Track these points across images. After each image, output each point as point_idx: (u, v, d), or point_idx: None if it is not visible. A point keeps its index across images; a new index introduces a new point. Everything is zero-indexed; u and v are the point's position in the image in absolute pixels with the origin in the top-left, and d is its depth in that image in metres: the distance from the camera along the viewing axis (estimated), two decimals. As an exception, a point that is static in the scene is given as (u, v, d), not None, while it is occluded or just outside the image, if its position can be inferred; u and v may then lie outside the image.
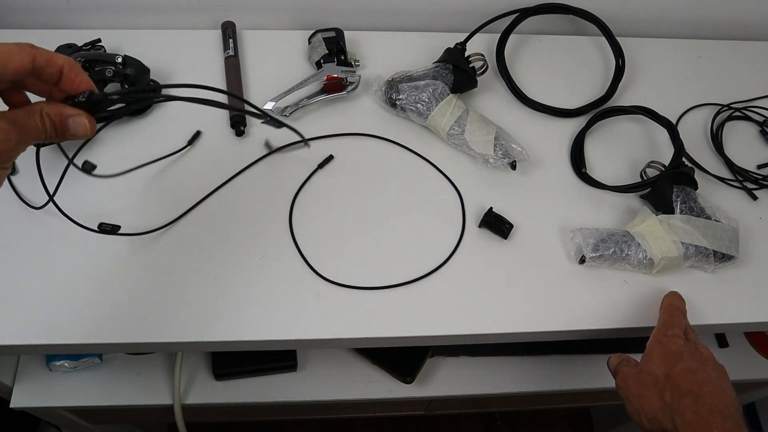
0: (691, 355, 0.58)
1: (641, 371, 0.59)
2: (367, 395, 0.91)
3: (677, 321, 0.62)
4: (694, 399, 0.54)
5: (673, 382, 0.56)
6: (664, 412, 0.55)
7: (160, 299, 0.64)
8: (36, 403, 0.85)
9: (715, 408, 0.53)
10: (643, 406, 0.57)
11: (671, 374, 0.57)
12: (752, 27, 0.95)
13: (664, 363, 0.58)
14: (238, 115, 0.75)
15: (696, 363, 0.57)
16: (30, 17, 0.83)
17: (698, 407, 0.54)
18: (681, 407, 0.54)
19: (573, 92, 0.84)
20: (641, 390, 0.58)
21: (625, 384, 0.60)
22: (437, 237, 0.70)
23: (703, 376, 0.56)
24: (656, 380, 0.57)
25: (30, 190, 0.68)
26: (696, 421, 0.53)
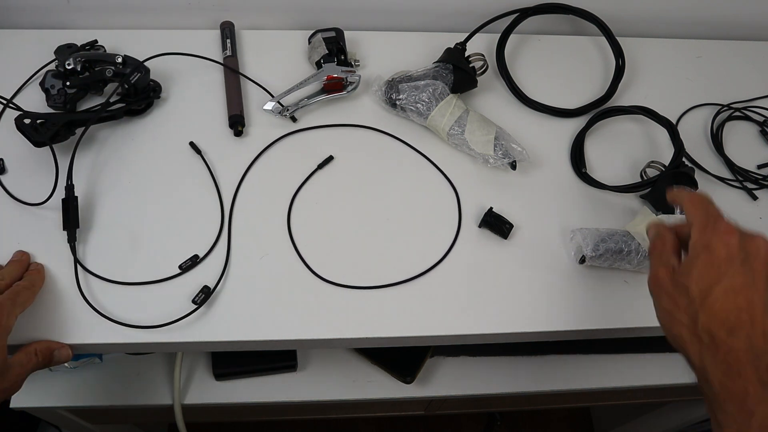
0: (740, 266, 0.45)
1: (676, 283, 0.48)
2: (367, 395, 0.91)
3: (716, 210, 0.49)
4: (730, 332, 0.44)
5: (709, 307, 0.45)
6: (693, 345, 0.46)
7: (160, 299, 0.64)
8: (36, 403, 0.85)
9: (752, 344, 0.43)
10: (670, 328, 0.48)
11: (709, 295, 0.45)
12: (752, 27, 0.95)
13: (705, 278, 0.46)
14: (237, 115, 0.75)
15: (743, 279, 0.45)
16: (30, 17, 0.83)
17: (732, 342, 0.44)
18: (713, 343, 0.44)
19: (573, 92, 0.84)
20: (671, 307, 0.48)
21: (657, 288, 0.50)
22: (437, 237, 0.70)
23: (746, 301, 0.44)
24: (690, 300, 0.46)
25: (29, 189, 0.68)
26: (728, 362, 0.44)
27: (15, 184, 0.69)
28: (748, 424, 0.42)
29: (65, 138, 0.69)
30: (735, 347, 0.44)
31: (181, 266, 0.65)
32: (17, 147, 0.70)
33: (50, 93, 0.72)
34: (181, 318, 0.62)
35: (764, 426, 0.42)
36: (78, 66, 0.71)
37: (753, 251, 0.46)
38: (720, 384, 0.44)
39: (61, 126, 0.68)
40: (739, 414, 0.43)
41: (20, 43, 0.80)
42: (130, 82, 0.71)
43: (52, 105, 0.71)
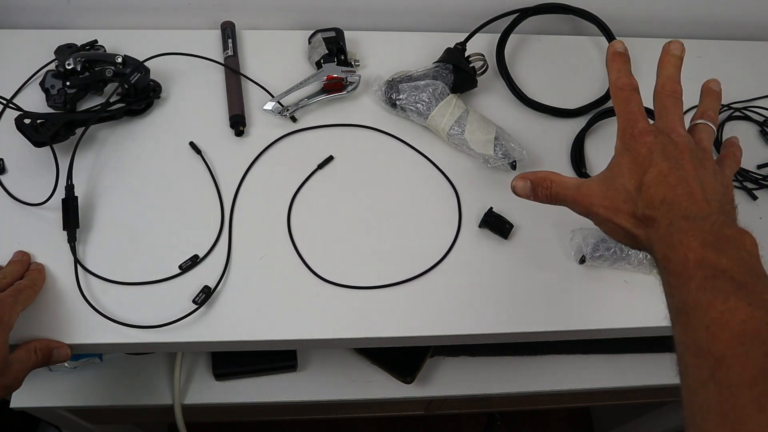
0: (663, 153, 0.49)
1: (610, 186, 0.51)
2: (367, 395, 0.91)
3: (636, 108, 0.53)
4: (668, 208, 0.46)
5: (645, 193, 0.48)
6: (639, 227, 0.49)
7: (160, 299, 0.64)
8: (36, 403, 0.85)
9: (690, 211, 0.45)
10: (615, 222, 0.50)
11: (642, 184, 0.48)
12: (752, 27, 0.95)
13: (635, 173, 0.49)
14: (238, 115, 0.75)
15: (668, 162, 0.48)
16: (30, 17, 0.83)
17: (672, 217, 0.46)
18: (655, 221, 0.47)
19: (573, 92, 0.84)
20: (613, 203, 0.50)
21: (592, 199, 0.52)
22: (437, 237, 0.70)
23: (676, 177, 0.47)
24: (628, 195, 0.49)
25: (27, 188, 0.69)
26: (670, 234, 0.45)
27: (15, 184, 0.69)
28: (687, 289, 0.42)
29: (65, 138, 0.69)
30: (675, 219, 0.45)
31: (181, 266, 0.65)
32: (17, 147, 0.70)
33: (50, 93, 0.72)
34: (182, 318, 0.62)
35: (701, 287, 0.41)
36: (78, 66, 0.72)
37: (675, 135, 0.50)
38: (664, 257, 0.45)
39: (61, 126, 0.68)
40: (680, 282, 0.43)
41: (20, 43, 0.80)
42: (130, 82, 0.71)
43: (52, 105, 0.71)
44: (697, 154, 0.50)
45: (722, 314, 0.39)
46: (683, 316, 0.42)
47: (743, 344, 0.38)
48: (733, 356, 0.38)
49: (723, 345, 0.38)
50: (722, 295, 0.40)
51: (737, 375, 0.37)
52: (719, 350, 0.38)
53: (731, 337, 0.38)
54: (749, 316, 0.39)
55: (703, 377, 0.39)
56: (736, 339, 0.38)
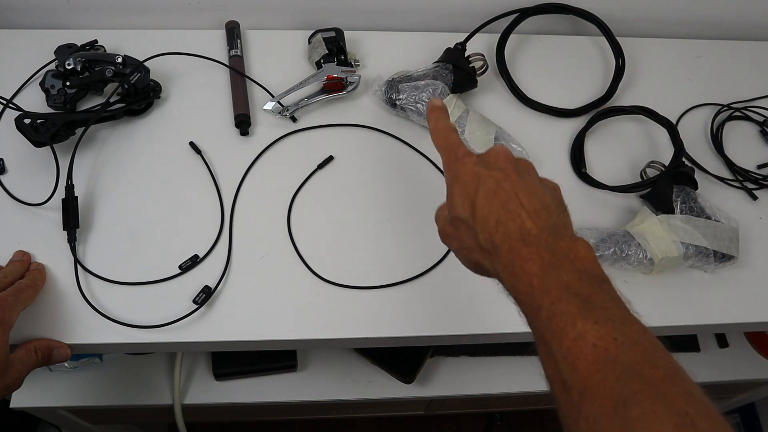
0: (487, 171, 0.48)
1: (452, 220, 0.50)
2: (367, 395, 0.91)
3: (455, 140, 0.52)
4: (504, 232, 0.45)
5: (480, 218, 0.46)
6: (486, 258, 0.47)
7: (160, 299, 0.64)
8: (36, 403, 0.85)
9: (525, 231, 0.44)
10: (468, 258, 0.49)
11: (476, 209, 0.47)
12: (752, 27, 0.95)
13: (467, 198, 0.48)
14: (243, 115, 0.75)
15: (494, 179, 0.47)
16: (29, 17, 0.83)
17: (510, 242, 0.44)
18: (495, 248, 0.45)
19: (573, 92, 0.84)
20: (459, 241, 0.49)
21: (446, 240, 0.52)
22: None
23: (504, 193, 0.46)
24: (467, 224, 0.48)
25: (26, 188, 0.69)
26: (511, 262, 0.44)
27: (15, 184, 0.69)
28: (539, 319, 0.41)
29: (65, 138, 0.70)
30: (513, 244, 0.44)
31: (181, 266, 0.65)
32: (17, 147, 0.70)
33: (50, 93, 0.72)
34: (182, 318, 0.62)
35: (551, 315, 0.40)
36: (78, 66, 0.71)
37: (492, 159, 0.49)
38: (512, 288, 0.44)
39: (61, 126, 0.68)
40: (532, 312, 0.42)
41: (20, 43, 0.80)
42: (130, 82, 0.71)
43: (52, 105, 0.71)
44: (518, 163, 0.49)
45: (575, 341, 0.38)
46: (544, 348, 0.41)
47: (599, 371, 0.37)
48: (592, 386, 0.37)
49: (582, 376, 0.37)
50: (570, 319, 0.39)
51: (599, 407, 0.36)
52: (580, 383, 0.37)
53: (587, 365, 0.37)
54: (598, 336, 0.38)
55: (573, 414, 0.38)
56: (592, 366, 0.37)
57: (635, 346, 0.38)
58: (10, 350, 0.56)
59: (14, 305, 0.57)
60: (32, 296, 0.60)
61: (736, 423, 1.27)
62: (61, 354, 0.60)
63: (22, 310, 0.58)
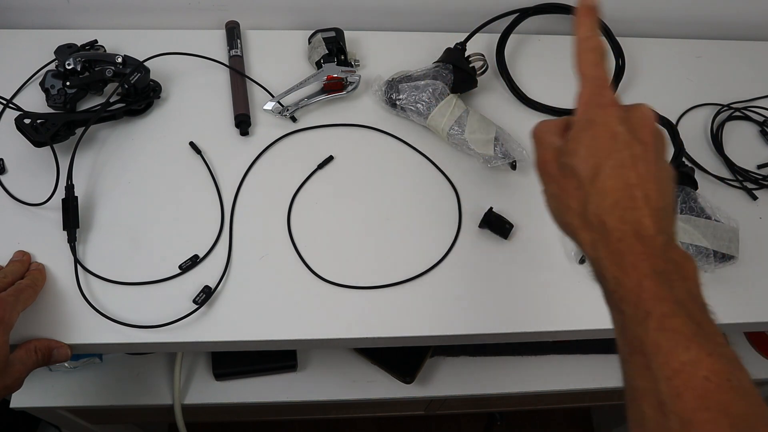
0: (627, 136, 0.42)
1: (563, 165, 0.44)
2: (367, 395, 0.91)
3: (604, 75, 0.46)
4: (620, 218, 0.41)
5: (599, 189, 0.41)
6: (585, 233, 0.42)
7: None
8: (36, 403, 0.85)
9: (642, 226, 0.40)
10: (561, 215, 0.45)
11: (599, 176, 0.42)
12: (752, 27, 0.95)
13: (594, 157, 0.42)
14: (243, 115, 0.75)
15: (630, 152, 0.41)
16: (29, 17, 0.83)
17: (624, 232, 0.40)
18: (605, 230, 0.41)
19: (573, 92, 0.83)
20: (559, 192, 0.44)
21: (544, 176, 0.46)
22: (437, 237, 0.70)
23: (636, 175, 0.41)
24: (579, 183, 0.43)
25: (26, 188, 0.69)
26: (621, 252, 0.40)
27: (15, 184, 0.69)
28: (645, 327, 0.38)
29: (65, 138, 0.70)
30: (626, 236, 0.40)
31: (181, 266, 0.65)
32: (17, 147, 0.70)
33: (50, 93, 0.72)
34: (182, 318, 0.62)
35: (660, 327, 0.37)
36: (78, 66, 0.72)
37: (638, 123, 0.43)
38: (614, 279, 0.40)
39: (61, 126, 0.68)
40: (636, 314, 0.39)
41: (20, 43, 0.80)
42: (130, 82, 0.71)
43: (52, 105, 0.71)
44: (658, 139, 0.43)
45: (685, 366, 0.36)
46: (640, 357, 0.38)
47: (708, 409, 0.35)
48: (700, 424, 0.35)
49: (688, 407, 0.36)
50: (683, 341, 0.37)
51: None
52: (684, 413, 0.36)
53: (696, 398, 0.36)
54: (711, 370, 0.36)
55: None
56: (701, 401, 0.36)
57: (748, 396, 0.36)
58: (10, 350, 0.56)
59: (14, 305, 0.56)
60: (32, 296, 0.60)
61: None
62: (61, 354, 0.60)
63: (23, 311, 0.58)
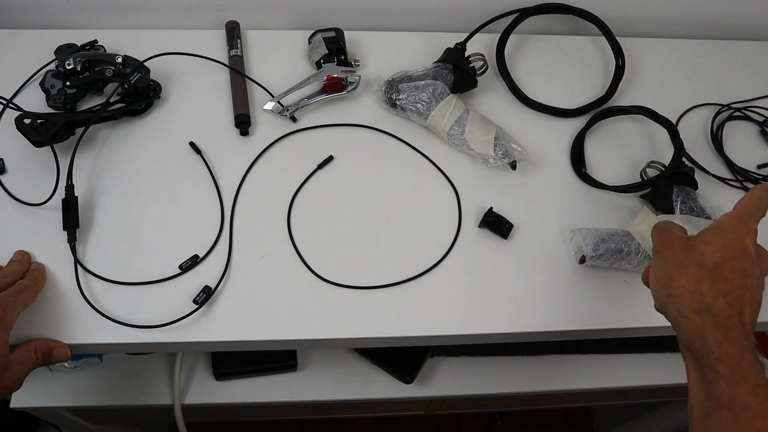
0: (754, 251, 0.50)
1: (692, 246, 0.51)
2: (367, 395, 0.91)
3: (758, 214, 0.53)
4: (731, 303, 0.48)
5: (721, 274, 0.48)
6: (693, 299, 0.49)
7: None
8: (36, 403, 0.85)
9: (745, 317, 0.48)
10: (673, 279, 0.50)
11: (723, 266, 0.49)
12: (752, 27, 0.95)
13: (723, 251, 0.49)
14: (243, 115, 0.75)
15: (753, 268, 0.49)
16: (29, 17, 0.83)
17: (731, 312, 0.47)
18: (715, 305, 0.48)
19: (573, 92, 0.84)
20: (682, 261, 0.51)
21: (667, 245, 0.53)
22: (437, 236, 0.70)
23: (752, 285, 0.49)
24: (704, 263, 0.49)
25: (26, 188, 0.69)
26: (728, 327, 0.47)
27: (15, 184, 0.69)
28: (737, 388, 0.45)
29: (65, 138, 0.70)
30: (733, 316, 0.47)
31: (181, 266, 0.65)
32: (17, 147, 0.70)
33: (50, 93, 0.72)
34: (182, 318, 0.62)
35: (753, 392, 0.44)
36: (78, 66, 0.72)
37: (762, 258, 0.51)
38: (717, 344, 0.47)
39: (61, 126, 0.68)
40: (732, 376, 0.45)
41: (20, 43, 0.80)
42: (130, 82, 0.71)
43: (52, 105, 0.71)
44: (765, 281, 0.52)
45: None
46: (727, 412, 0.45)
47: None
48: None
49: None
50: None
51: None
52: None
53: None
54: None
55: None
56: None
57: None
58: (10, 350, 0.56)
59: (14, 306, 0.56)
60: (32, 296, 0.60)
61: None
62: (61, 354, 0.60)
63: (23, 311, 0.58)
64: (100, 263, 0.65)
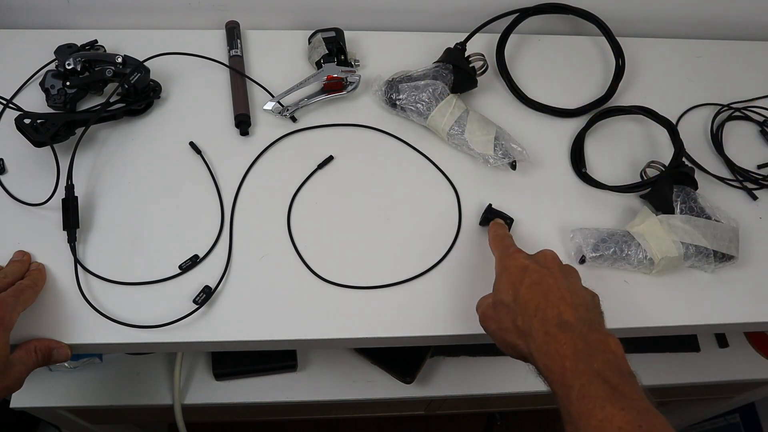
0: (535, 265, 0.55)
1: (495, 303, 0.56)
2: (367, 395, 0.91)
3: (508, 240, 0.61)
4: (542, 317, 0.51)
5: (521, 303, 0.53)
6: (521, 339, 0.52)
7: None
8: (36, 403, 0.85)
9: (562, 320, 0.50)
10: (504, 338, 0.55)
11: (518, 295, 0.53)
12: (752, 27, 0.95)
13: (512, 286, 0.55)
14: (243, 115, 0.75)
15: (539, 273, 0.54)
16: (30, 17, 0.83)
17: (547, 326, 0.50)
18: (532, 330, 0.51)
19: (573, 92, 0.84)
20: (498, 321, 0.55)
21: (485, 323, 0.58)
22: (437, 236, 0.70)
23: (547, 286, 0.52)
24: (508, 308, 0.54)
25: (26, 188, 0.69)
26: (546, 343, 0.49)
27: (15, 184, 0.69)
28: (569, 399, 0.46)
29: (65, 138, 0.70)
30: (549, 328, 0.50)
31: (181, 266, 0.65)
32: (17, 147, 0.70)
33: (50, 93, 0.72)
34: (182, 318, 0.62)
35: (581, 396, 0.46)
36: (78, 66, 0.72)
37: (541, 258, 0.56)
38: (545, 367, 0.49)
39: (61, 126, 0.68)
40: (562, 391, 0.47)
41: (20, 43, 0.80)
42: (130, 82, 0.71)
43: (52, 105, 0.72)
44: (564, 266, 0.56)
45: (602, 422, 0.43)
46: (570, 426, 0.46)
47: None
48: None
49: None
50: (599, 402, 0.45)
51: None
52: None
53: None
54: (624, 421, 0.43)
55: None
56: None
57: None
58: (10, 350, 0.56)
59: (14, 306, 0.57)
60: (32, 297, 0.60)
61: (736, 423, 1.27)
62: (61, 354, 0.60)
63: (23, 311, 0.58)
64: (100, 263, 0.65)
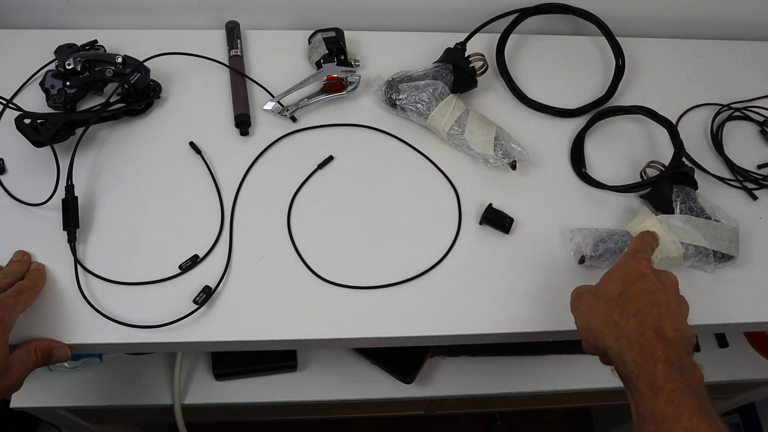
0: (653, 277, 0.55)
1: (597, 290, 0.57)
2: (367, 395, 0.91)
3: (648, 249, 0.60)
4: (642, 319, 0.51)
5: (626, 300, 0.53)
6: (610, 330, 0.53)
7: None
8: (36, 403, 0.85)
9: (661, 331, 0.50)
10: (590, 321, 0.55)
11: (625, 293, 0.54)
12: (752, 27, 0.95)
13: (623, 282, 0.55)
14: (243, 115, 0.75)
15: (654, 285, 0.54)
16: (30, 17, 0.83)
17: (644, 329, 0.50)
18: (628, 327, 0.51)
19: (573, 92, 0.84)
20: (592, 305, 0.56)
21: (578, 300, 0.58)
22: (437, 236, 0.70)
23: (657, 299, 0.53)
24: (609, 298, 0.54)
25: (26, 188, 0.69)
26: (641, 342, 0.50)
27: (15, 184, 0.69)
28: (656, 400, 0.47)
29: (65, 138, 0.70)
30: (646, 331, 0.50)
31: (181, 266, 0.65)
32: (17, 147, 0.70)
33: (50, 93, 0.72)
34: (182, 318, 0.62)
35: (670, 401, 0.46)
36: (78, 66, 0.72)
37: (663, 275, 0.56)
38: (634, 363, 0.50)
39: (61, 126, 0.68)
40: (649, 390, 0.48)
41: (20, 43, 0.80)
42: (130, 82, 0.71)
43: (52, 105, 0.71)
44: (680, 295, 0.56)
45: (687, 430, 0.45)
46: (650, 425, 0.47)
47: None
48: None
49: None
50: (688, 411, 0.45)
51: None
52: None
53: None
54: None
55: None
56: None
57: None
58: (10, 351, 0.56)
59: (14, 306, 0.56)
60: (32, 297, 0.60)
61: (736, 423, 1.27)
62: (61, 354, 0.60)
63: (23, 311, 0.58)
64: (100, 263, 0.65)
